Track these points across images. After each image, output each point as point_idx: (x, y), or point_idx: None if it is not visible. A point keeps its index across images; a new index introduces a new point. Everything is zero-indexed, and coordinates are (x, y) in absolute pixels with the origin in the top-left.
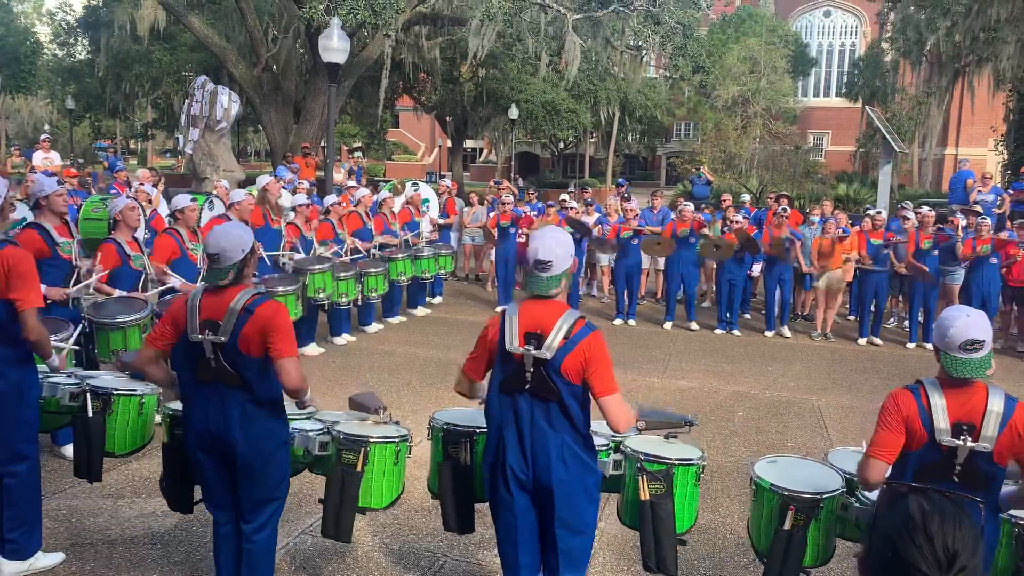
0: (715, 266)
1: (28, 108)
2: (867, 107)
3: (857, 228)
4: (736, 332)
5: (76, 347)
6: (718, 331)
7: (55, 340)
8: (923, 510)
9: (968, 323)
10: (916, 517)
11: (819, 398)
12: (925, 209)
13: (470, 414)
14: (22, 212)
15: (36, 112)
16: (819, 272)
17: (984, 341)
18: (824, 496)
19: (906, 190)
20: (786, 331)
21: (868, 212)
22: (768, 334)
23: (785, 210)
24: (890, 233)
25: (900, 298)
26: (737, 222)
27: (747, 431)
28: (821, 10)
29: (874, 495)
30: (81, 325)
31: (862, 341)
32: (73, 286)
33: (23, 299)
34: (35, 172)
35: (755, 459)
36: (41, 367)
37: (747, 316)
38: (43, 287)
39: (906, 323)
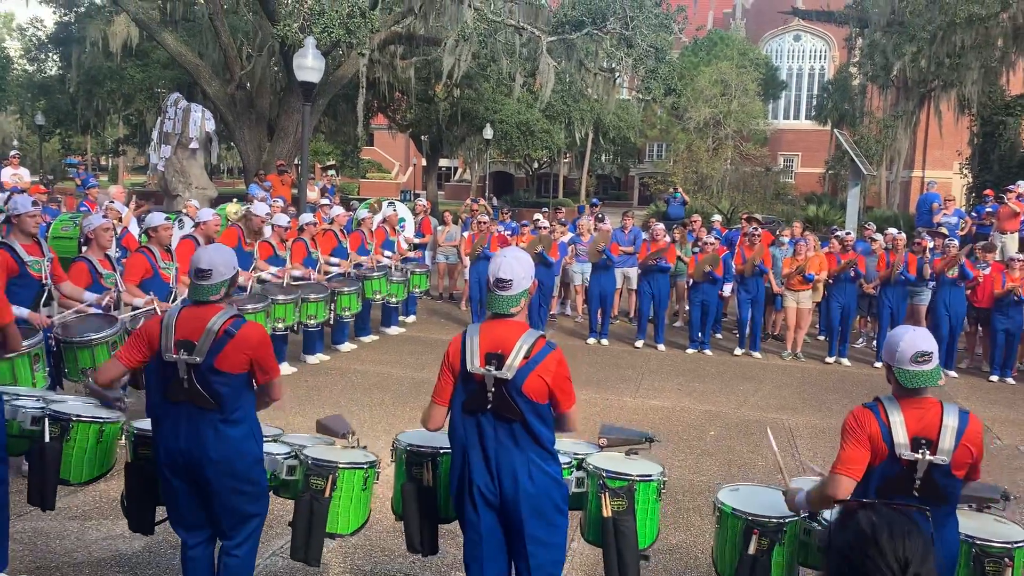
0: (687, 286)
1: None
2: (836, 130)
3: (826, 249)
4: (708, 352)
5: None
6: (690, 351)
7: (23, 346)
8: (873, 524)
9: (915, 336)
10: (867, 531)
11: (790, 417)
12: (894, 231)
13: (433, 435)
14: None
15: (5, 127)
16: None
17: (932, 352)
18: (788, 520)
19: (874, 212)
20: (756, 352)
21: (836, 233)
22: (739, 353)
23: (756, 231)
24: (852, 253)
25: (868, 318)
26: (709, 243)
27: (718, 450)
28: (791, 34)
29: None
30: (46, 338)
31: (830, 360)
32: (44, 306)
33: None
34: (4, 189)
35: (722, 484)
36: (10, 388)
37: (719, 336)
38: (25, 312)
39: (874, 343)
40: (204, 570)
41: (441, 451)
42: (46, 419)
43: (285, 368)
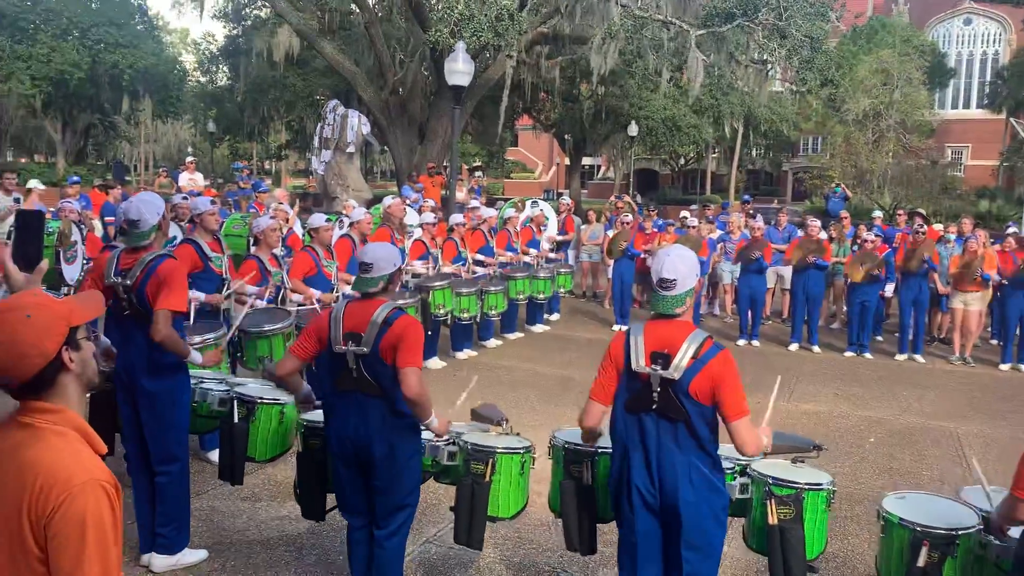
0: (845, 286)
1: (174, 132)
2: (1012, 118)
3: (998, 247)
4: (867, 355)
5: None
6: (848, 354)
7: (210, 337)
8: None
9: None
10: None
11: (958, 425)
12: None
13: None
14: (172, 231)
15: (181, 135)
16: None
17: None
18: (960, 532)
19: None
20: (919, 356)
21: (1011, 230)
22: (901, 357)
23: (921, 227)
24: None
25: None
26: (869, 241)
27: (879, 458)
28: (960, 18)
29: (1016, 532)
30: (231, 331)
31: (1005, 367)
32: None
33: (162, 299)
34: (180, 192)
35: (885, 492)
36: (194, 372)
37: (879, 339)
38: (202, 295)
39: None
40: (366, 553)
41: (600, 450)
42: (234, 401)
43: (435, 362)
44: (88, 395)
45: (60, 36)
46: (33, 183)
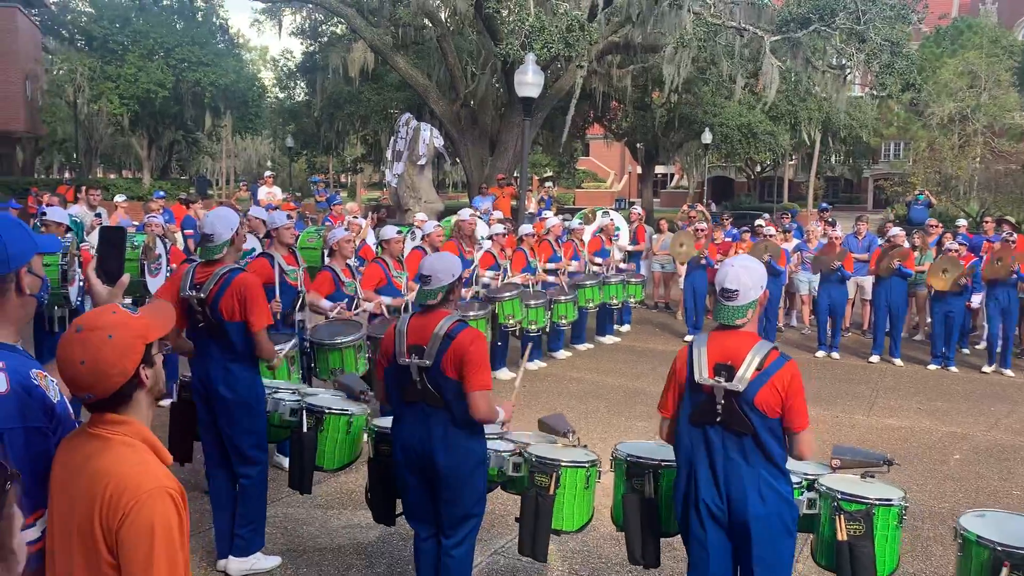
0: (928, 296)
1: (254, 147)
2: None
3: None
4: (953, 368)
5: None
6: (932, 367)
7: (285, 347)
8: None
9: None
10: None
11: None
12: None
13: (653, 446)
14: (251, 243)
15: (260, 150)
16: None
17: None
18: None
19: None
20: (1008, 370)
21: None
22: (988, 370)
23: (1011, 235)
24: None
25: None
26: (953, 249)
27: (964, 475)
28: None
29: None
30: (301, 341)
31: None
32: (299, 311)
33: (254, 321)
34: (259, 205)
35: (966, 510)
36: (269, 382)
37: (965, 351)
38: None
39: None
40: (433, 562)
41: (663, 463)
42: (303, 411)
43: (504, 373)
44: (168, 404)
45: (146, 56)
46: (119, 198)
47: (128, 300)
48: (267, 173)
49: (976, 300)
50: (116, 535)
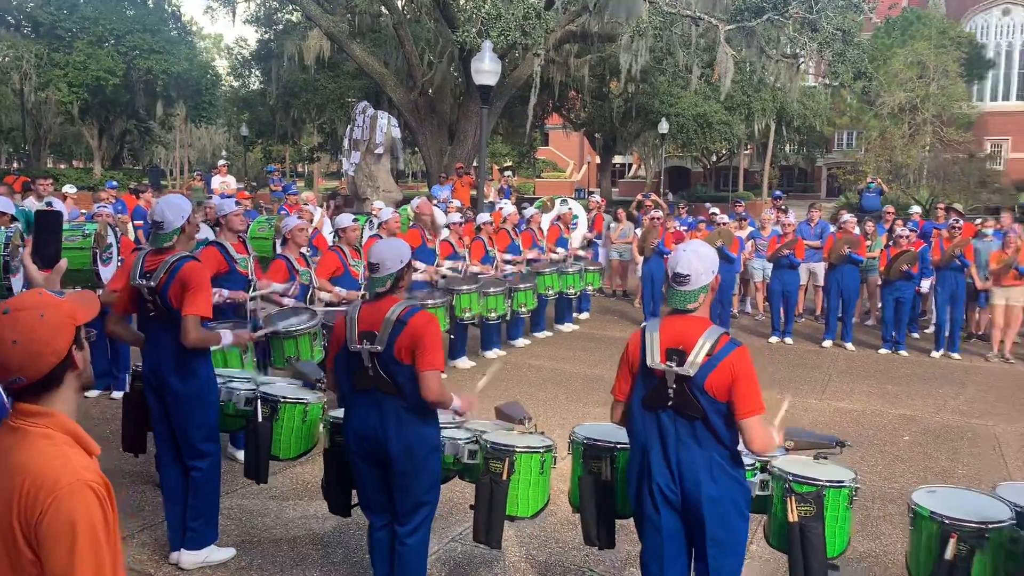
0: (879, 282)
1: (208, 136)
2: None
3: None
4: (903, 352)
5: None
6: (883, 351)
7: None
8: None
9: None
10: None
11: (996, 424)
12: None
13: (610, 429)
14: (205, 233)
15: (215, 140)
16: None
17: None
18: (991, 526)
19: None
20: (956, 353)
21: None
22: (937, 355)
23: (956, 222)
24: None
25: None
26: (903, 236)
27: (913, 456)
28: (999, 8)
29: None
30: (254, 329)
31: None
32: (250, 300)
33: (186, 303)
34: (213, 195)
35: (916, 488)
36: (223, 371)
37: (915, 336)
38: (227, 291)
39: None
40: (387, 551)
41: (619, 446)
42: (258, 400)
43: (464, 362)
44: (122, 395)
45: (96, 43)
46: (68, 188)
47: (77, 288)
48: (221, 162)
49: (925, 286)
50: (36, 533)
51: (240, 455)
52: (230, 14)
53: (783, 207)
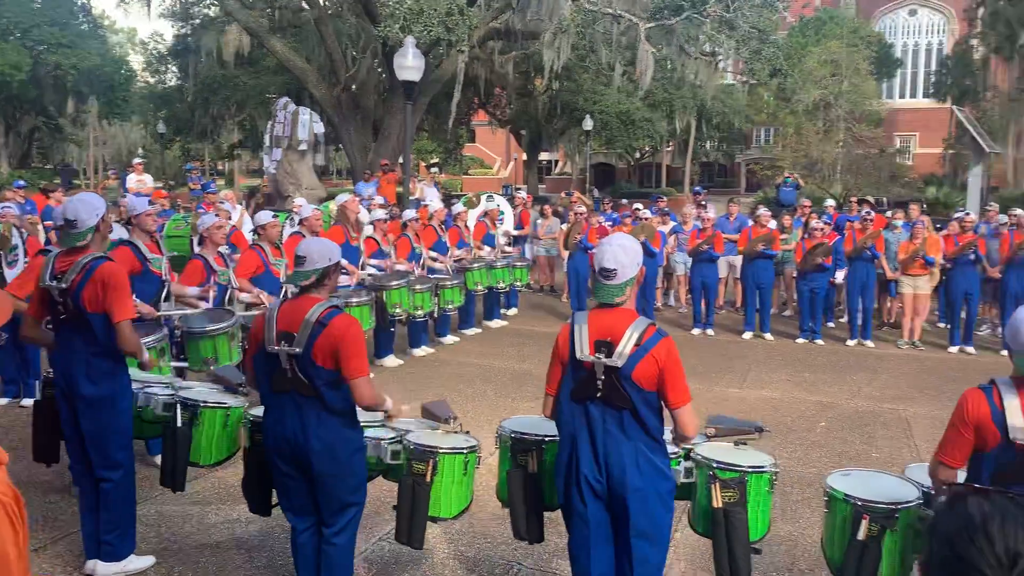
0: (795, 274)
1: (124, 134)
2: (955, 107)
3: (944, 232)
4: (819, 341)
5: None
6: (800, 340)
7: (151, 340)
8: (983, 511)
9: None
10: (976, 518)
11: (906, 408)
12: (1020, 211)
13: (537, 422)
14: (119, 233)
15: (130, 137)
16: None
17: None
18: (900, 506)
19: (1000, 192)
20: (869, 341)
21: (956, 215)
22: (851, 343)
23: (868, 214)
24: (972, 235)
25: (993, 303)
26: (818, 229)
27: (829, 441)
28: (906, 9)
29: None
30: (170, 332)
31: (953, 349)
32: (164, 301)
33: (116, 312)
34: (128, 194)
35: (831, 472)
36: (141, 376)
37: (830, 325)
38: (136, 302)
39: (999, 330)
40: (311, 555)
41: (546, 439)
42: (177, 405)
43: (391, 360)
44: (32, 402)
45: (0, 37)
46: None
47: None
48: (136, 160)
49: (840, 277)
50: None
51: (158, 460)
52: (145, 8)
53: (703, 202)
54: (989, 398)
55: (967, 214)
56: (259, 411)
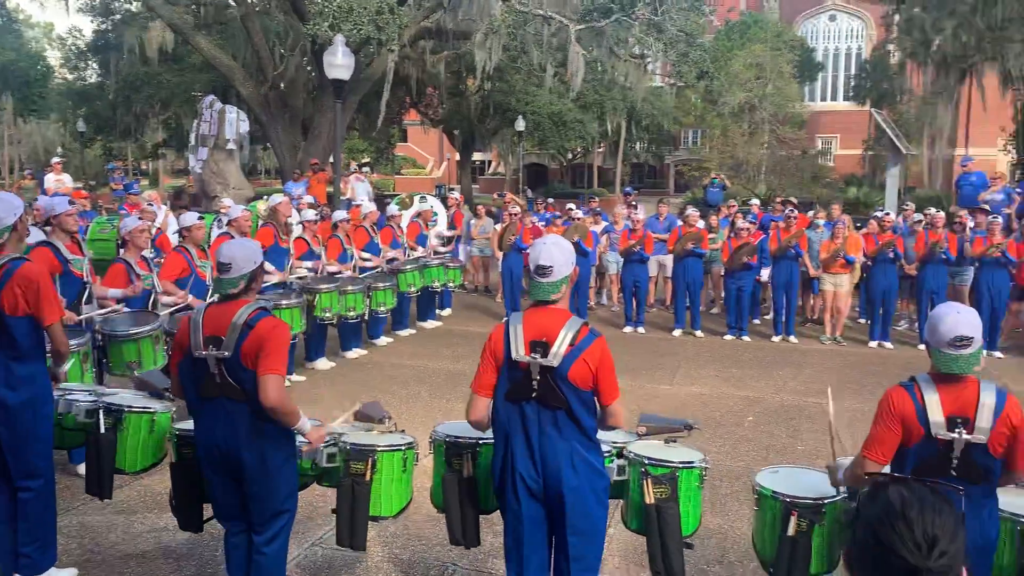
0: (722, 272)
1: (40, 132)
2: (873, 110)
3: (864, 231)
4: (746, 338)
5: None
6: (728, 337)
7: (74, 343)
8: (903, 498)
9: (958, 320)
10: (896, 505)
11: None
12: (933, 210)
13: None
14: (36, 236)
15: (48, 136)
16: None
17: (973, 338)
18: (827, 501)
19: (916, 192)
20: (793, 337)
21: (875, 214)
22: (776, 339)
23: (792, 214)
24: (891, 234)
25: (910, 300)
26: (744, 228)
27: (757, 436)
28: (826, 14)
29: None
30: (92, 336)
31: (873, 344)
32: (85, 304)
33: (47, 315)
34: (46, 194)
35: (759, 469)
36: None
37: (756, 322)
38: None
39: (916, 325)
40: (244, 558)
41: (481, 442)
42: (100, 411)
43: (323, 363)
44: None
45: None
46: None
47: None
48: (55, 159)
49: (765, 275)
50: None
51: (81, 470)
52: (62, 2)
53: (634, 203)
54: (912, 394)
55: (886, 213)
56: (185, 425)
